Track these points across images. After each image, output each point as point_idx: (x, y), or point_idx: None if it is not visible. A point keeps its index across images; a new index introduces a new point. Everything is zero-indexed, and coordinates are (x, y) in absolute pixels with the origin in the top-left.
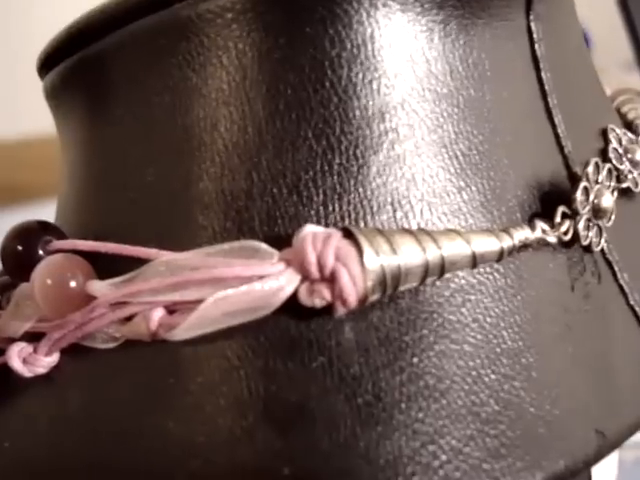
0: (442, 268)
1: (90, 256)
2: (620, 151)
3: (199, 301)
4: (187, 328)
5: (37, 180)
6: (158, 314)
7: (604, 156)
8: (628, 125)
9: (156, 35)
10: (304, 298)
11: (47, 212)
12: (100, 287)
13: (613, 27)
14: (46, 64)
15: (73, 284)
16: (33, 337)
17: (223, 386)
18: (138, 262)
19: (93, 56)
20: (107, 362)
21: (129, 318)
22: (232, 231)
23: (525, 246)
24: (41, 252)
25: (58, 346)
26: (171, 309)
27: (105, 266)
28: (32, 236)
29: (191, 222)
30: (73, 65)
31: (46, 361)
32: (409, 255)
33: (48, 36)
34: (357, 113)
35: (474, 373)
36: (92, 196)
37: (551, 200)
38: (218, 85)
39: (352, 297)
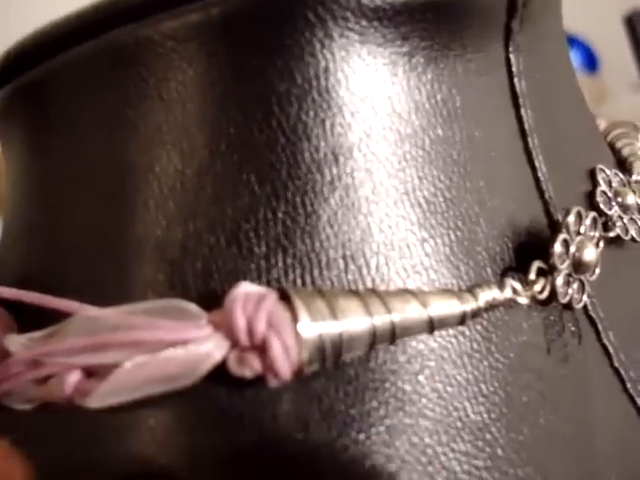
0: (393, 334)
1: (16, 303)
2: (609, 194)
3: (118, 365)
4: (102, 395)
5: None
6: (74, 377)
7: (591, 200)
8: (622, 162)
9: (92, 63)
10: (233, 367)
11: None
12: (17, 342)
13: (620, 48)
14: None
15: None
16: None
17: (145, 462)
18: (64, 313)
19: (30, 84)
20: (24, 425)
21: (47, 378)
22: (163, 285)
23: (494, 306)
24: None
25: None
26: (90, 371)
27: (31, 315)
28: None
29: (119, 272)
30: (11, 92)
31: None
32: (353, 321)
33: None
34: (307, 156)
35: (430, 451)
36: (27, 237)
37: (528, 252)
38: (156, 121)
39: (285, 370)
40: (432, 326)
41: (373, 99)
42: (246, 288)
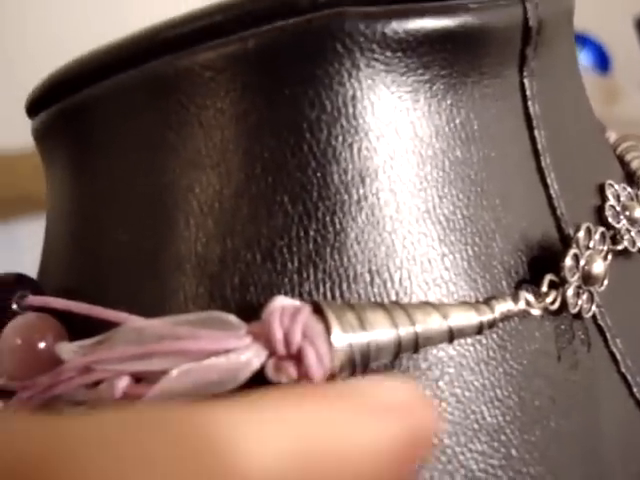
0: (416, 344)
1: (64, 312)
2: (618, 209)
3: (164, 372)
4: (150, 399)
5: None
6: (123, 383)
7: (600, 214)
8: (630, 175)
9: (134, 90)
10: (271, 374)
11: None
12: (68, 350)
13: (632, 48)
14: (31, 110)
15: (42, 345)
16: (5, 394)
17: None
18: (109, 322)
19: (74, 107)
20: None
21: (96, 383)
22: (204, 297)
23: (509, 317)
24: (15, 307)
25: (27, 406)
26: (138, 378)
27: (79, 324)
28: (7, 290)
29: (162, 286)
30: (54, 114)
31: None
32: (380, 332)
33: (46, 45)
34: (336, 177)
35: (449, 451)
36: (70, 250)
37: (540, 265)
38: (195, 145)
39: (318, 376)
40: (452, 336)
41: (397, 124)
42: (282, 302)
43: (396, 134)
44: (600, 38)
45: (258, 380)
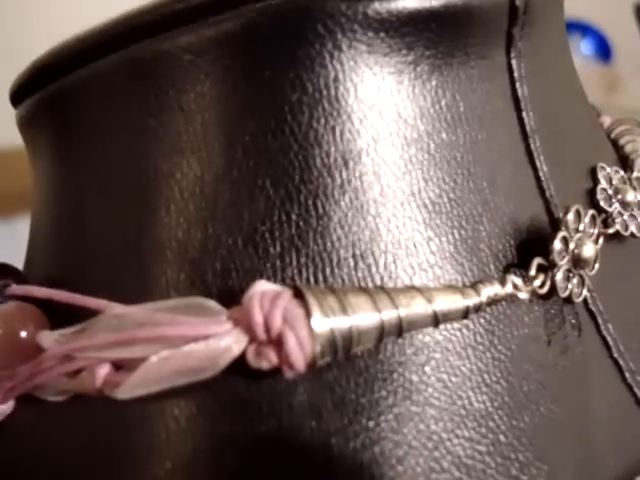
0: (400, 328)
1: (45, 301)
2: (610, 192)
3: (144, 359)
4: (130, 387)
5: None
6: (104, 371)
7: (592, 197)
8: (624, 159)
9: (114, 76)
10: (251, 360)
11: None
12: (49, 339)
13: (634, 37)
14: (15, 99)
15: (24, 334)
16: None
17: (170, 448)
18: (91, 310)
19: (55, 94)
20: (58, 415)
21: (78, 371)
22: (185, 283)
23: (496, 301)
24: None
25: (10, 395)
26: (119, 365)
27: (60, 312)
28: None
29: (144, 272)
30: (37, 103)
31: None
32: (362, 316)
33: (47, 41)
34: (318, 161)
35: (435, 437)
36: (53, 238)
37: (529, 248)
38: (175, 130)
39: (299, 362)
40: (437, 320)
41: (380, 106)
42: (262, 286)
43: (379, 116)
44: (601, 27)
45: (239, 366)
